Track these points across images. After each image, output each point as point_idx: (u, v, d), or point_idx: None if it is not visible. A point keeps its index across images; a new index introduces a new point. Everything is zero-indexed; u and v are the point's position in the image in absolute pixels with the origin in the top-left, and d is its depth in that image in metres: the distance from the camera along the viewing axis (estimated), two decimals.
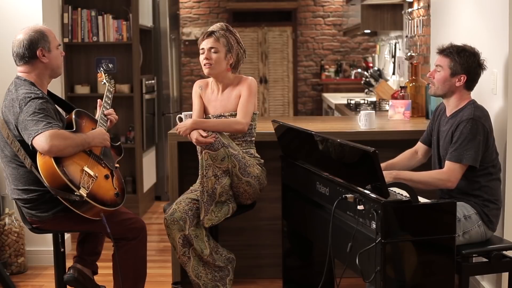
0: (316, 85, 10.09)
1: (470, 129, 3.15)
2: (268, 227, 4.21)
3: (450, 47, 3.31)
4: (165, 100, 6.73)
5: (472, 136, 3.14)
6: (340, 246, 2.96)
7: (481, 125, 3.17)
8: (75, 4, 5.69)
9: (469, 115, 3.19)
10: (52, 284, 3.55)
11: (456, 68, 3.26)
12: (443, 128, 3.36)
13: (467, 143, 3.14)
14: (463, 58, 3.25)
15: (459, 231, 3.10)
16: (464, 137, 3.15)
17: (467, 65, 3.25)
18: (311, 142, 3.30)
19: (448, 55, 3.28)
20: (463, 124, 3.17)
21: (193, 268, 3.46)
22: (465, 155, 3.14)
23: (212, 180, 3.36)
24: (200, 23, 9.93)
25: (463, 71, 3.25)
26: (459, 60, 3.25)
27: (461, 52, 3.27)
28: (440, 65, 3.31)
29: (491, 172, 3.23)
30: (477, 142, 3.14)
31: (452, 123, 3.27)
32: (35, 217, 3.17)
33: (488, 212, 3.20)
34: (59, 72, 3.28)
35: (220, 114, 3.57)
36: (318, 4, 9.97)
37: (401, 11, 6.41)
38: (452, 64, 3.26)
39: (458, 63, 3.25)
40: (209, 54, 3.51)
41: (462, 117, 3.21)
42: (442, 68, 3.29)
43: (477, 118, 3.17)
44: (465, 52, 3.27)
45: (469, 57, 3.25)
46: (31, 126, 2.98)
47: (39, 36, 3.17)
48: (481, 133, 3.15)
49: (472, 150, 3.14)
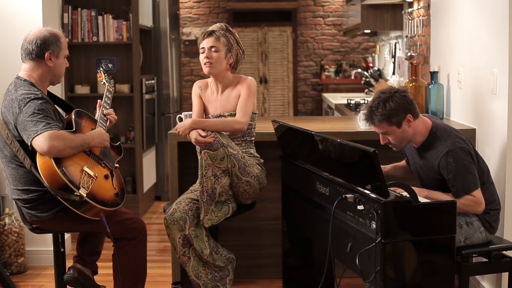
0: (316, 85, 10.08)
1: (454, 162, 3.06)
2: (268, 227, 4.21)
3: (373, 111, 3.12)
4: (165, 100, 6.73)
5: (460, 166, 3.06)
6: (340, 246, 2.96)
7: (459, 149, 3.07)
8: (75, 4, 5.69)
9: (443, 150, 3.09)
10: (52, 284, 3.55)
11: (398, 120, 3.10)
12: (419, 162, 3.25)
13: (460, 174, 3.06)
14: (391, 106, 3.08)
15: (461, 237, 3.09)
16: (454, 172, 3.06)
17: (401, 107, 3.09)
18: (311, 142, 3.30)
19: (379, 118, 3.11)
20: (445, 161, 3.07)
21: (193, 268, 3.46)
22: (469, 184, 3.06)
23: (211, 180, 3.36)
24: (200, 23, 9.93)
25: (403, 113, 3.11)
26: (390, 114, 3.09)
27: (384, 104, 3.09)
28: (383, 131, 3.17)
29: (484, 181, 3.18)
30: (467, 166, 3.06)
31: (427, 158, 3.17)
32: (35, 217, 3.17)
33: (489, 218, 3.17)
34: (59, 81, 3.30)
35: (220, 114, 3.57)
36: (318, 4, 9.97)
37: (401, 11, 6.40)
38: (392, 122, 3.11)
39: (394, 117, 3.09)
40: (209, 53, 3.51)
41: (437, 153, 3.10)
42: (388, 133, 3.16)
43: (451, 148, 3.08)
44: (387, 101, 3.09)
45: (394, 101, 3.09)
46: (30, 127, 2.98)
47: (53, 40, 3.18)
48: (464, 157, 3.07)
49: (470, 176, 3.06)
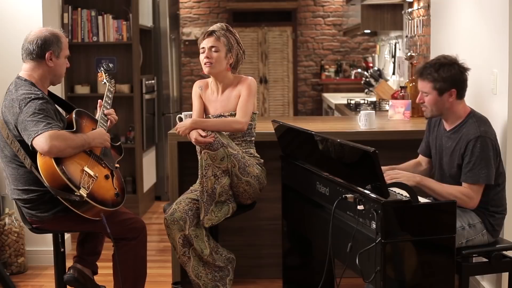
0: (316, 85, 10.08)
1: (480, 148, 3.06)
2: (268, 227, 4.21)
3: (427, 68, 3.18)
4: (165, 100, 6.73)
5: (484, 155, 3.06)
6: (340, 246, 2.96)
7: (490, 140, 3.08)
8: (75, 4, 5.69)
9: (475, 133, 3.09)
10: (52, 284, 3.55)
11: (442, 87, 3.14)
12: (446, 145, 3.25)
13: (480, 162, 3.06)
14: (445, 73, 3.13)
15: (463, 239, 3.09)
16: (475, 157, 3.06)
17: (451, 79, 3.14)
18: (311, 142, 3.30)
19: (428, 77, 3.16)
20: (472, 144, 3.07)
21: (193, 268, 3.46)
22: (480, 175, 3.06)
23: (211, 180, 3.36)
24: (200, 23, 9.93)
25: (451, 86, 3.14)
26: (441, 78, 3.13)
27: (440, 68, 3.14)
28: (424, 91, 3.20)
29: (499, 184, 3.17)
30: (489, 159, 3.07)
31: (456, 140, 3.18)
32: (35, 217, 3.17)
33: (493, 222, 3.16)
34: (59, 81, 3.30)
35: (220, 114, 3.57)
36: (318, 4, 9.97)
37: (401, 11, 6.40)
38: (436, 85, 3.14)
39: (441, 82, 3.13)
40: (209, 53, 3.51)
41: (468, 135, 3.11)
42: (427, 93, 3.19)
43: (484, 134, 3.08)
44: (444, 66, 3.14)
45: (450, 70, 3.14)
46: (31, 127, 2.98)
47: (54, 40, 3.18)
48: (491, 149, 3.08)
49: (486, 169, 3.06)
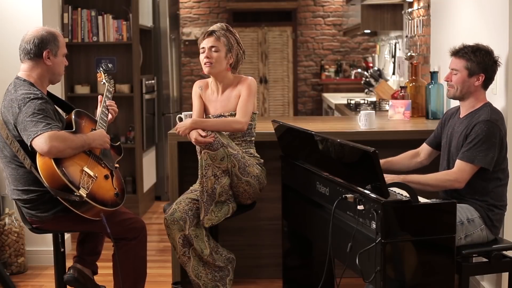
0: (316, 85, 10.08)
1: (486, 131, 3.08)
2: (268, 227, 4.21)
3: (464, 48, 3.25)
4: (165, 100, 6.73)
5: (487, 138, 3.08)
6: (340, 246, 2.96)
7: (498, 128, 3.11)
8: (75, 4, 5.69)
9: (486, 117, 3.12)
10: (52, 284, 3.55)
11: (474, 68, 3.19)
12: (457, 129, 3.28)
13: (481, 144, 3.08)
14: (479, 57, 3.19)
15: (462, 234, 3.08)
16: (479, 138, 3.09)
17: (484, 64, 3.19)
18: (311, 142, 3.30)
19: (463, 56, 3.22)
20: (479, 126, 3.11)
21: (193, 268, 3.46)
22: (477, 156, 3.08)
23: (211, 180, 3.36)
24: (200, 23, 9.93)
25: (481, 70, 3.19)
26: (475, 59, 3.19)
27: (477, 51, 3.21)
28: (456, 68, 3.24)
29: (500, 178, 3.17)
30: (492, 144, 3.08)
31: (467, 124, 3.20)
32: (35, 217, 3.17)
33: (493, 217, 3.16)
34: (58, 79, 3.29)
35: (220, 114, 3.57)
36: (318, 4, 9.97)
37: (401, 11, 6.40)
38: (468, 65, 3.20)
39: (474, 63, 3.19)
40: (209, 53, 3.51)
41: (478, 119, 3.14)
42: (458, 71, 3.23)
43: (494, 121, 3.11)
44: (480, 51, 3.21)
45: (485, 56, 3.20)
46: (30, 127, 2.98)
47: (51, 38, 3.18)
48: (496, 136, 3.09)
49: (486, 152, 3.08)
